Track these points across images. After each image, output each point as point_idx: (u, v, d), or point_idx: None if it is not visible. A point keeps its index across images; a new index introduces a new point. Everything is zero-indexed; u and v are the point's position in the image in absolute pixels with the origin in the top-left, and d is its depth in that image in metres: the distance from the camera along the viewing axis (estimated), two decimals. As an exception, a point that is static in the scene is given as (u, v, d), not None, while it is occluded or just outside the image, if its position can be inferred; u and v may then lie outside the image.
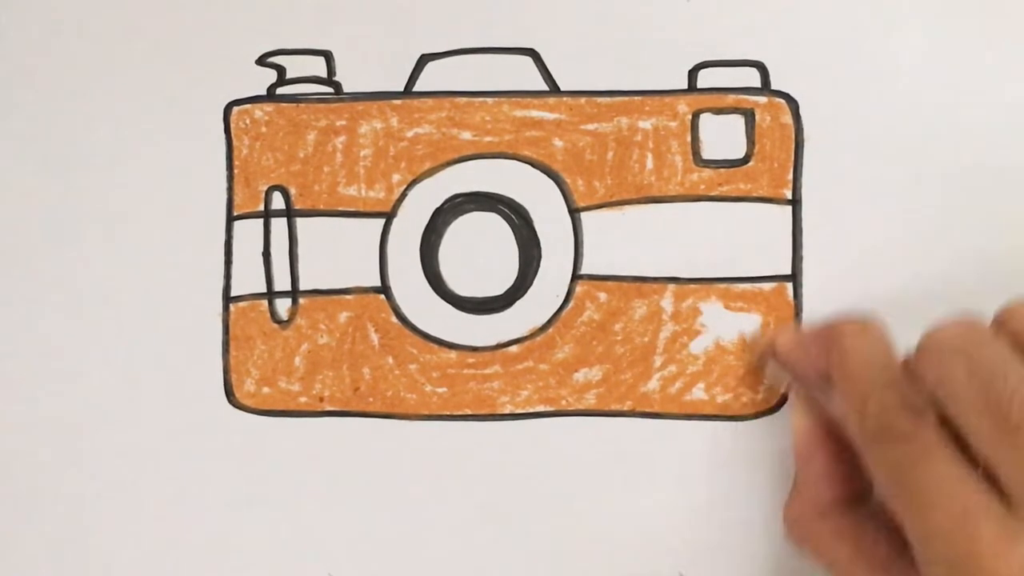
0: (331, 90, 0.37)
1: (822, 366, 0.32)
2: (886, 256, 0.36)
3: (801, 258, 0.36)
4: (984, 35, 0.36)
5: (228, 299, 0.37)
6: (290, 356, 0.37)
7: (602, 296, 0.36)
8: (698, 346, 0.36)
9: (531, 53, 0.37)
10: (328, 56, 0.37)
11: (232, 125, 0.37)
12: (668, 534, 0.36)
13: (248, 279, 0.37)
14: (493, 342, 0.36)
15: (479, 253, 0.36)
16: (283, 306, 0.37)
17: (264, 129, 0.37)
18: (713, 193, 0.36)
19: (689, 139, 0.36)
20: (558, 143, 0.37)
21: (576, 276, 0.36)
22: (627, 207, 0.36)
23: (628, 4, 0.37)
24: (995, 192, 0.36)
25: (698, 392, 0.36)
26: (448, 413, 0.36)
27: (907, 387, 0.29)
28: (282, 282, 0.37)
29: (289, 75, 0.37)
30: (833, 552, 0.31)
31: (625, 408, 0.36)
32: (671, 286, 0.36)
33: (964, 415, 0.28)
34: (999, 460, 0.27)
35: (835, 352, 0.31)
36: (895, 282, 0.36)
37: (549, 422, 0.36)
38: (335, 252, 0.37)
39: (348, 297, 0.37)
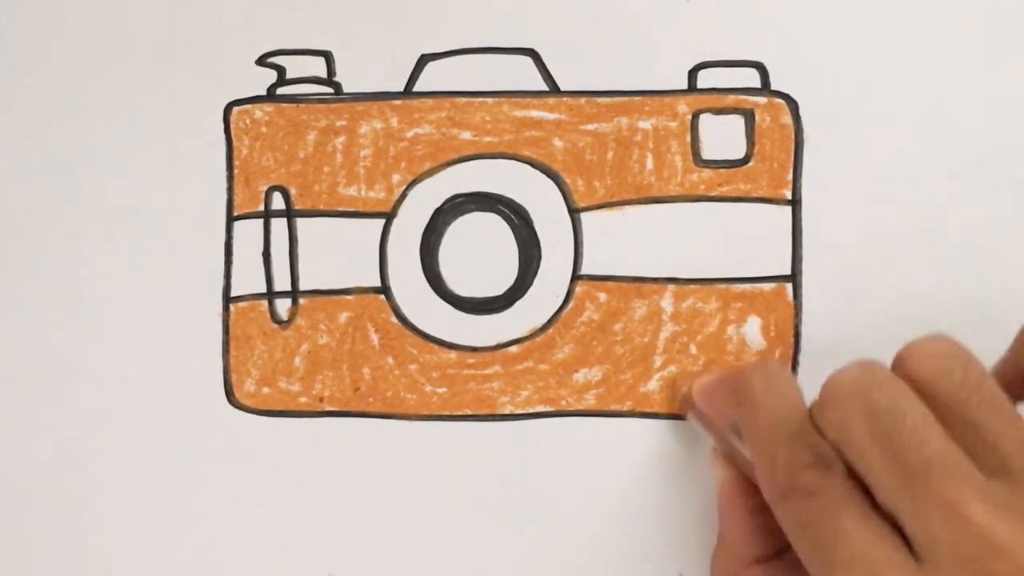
0: (331, 90, 0.37)
1: (732, 418, 0.31)
2: (886, 256, 0.36)
3: (801, 258, 0.36)
4: (983, 35, 0.36)
5: (228, 299, 0.37)
6: (290, 356, 0.37)
7: (602, 296, 0.36)
8: (698, 346, 0.36)
9: (531, 53, 0.37)
10: (328, 56, 0.37)
11: (232, 125, 0.37)
12: (668, 534, 0.36)
13: (248, 279, 0.37)
14: (493, 342, 0.36)
15: (479, 253, 0.36)
16: (283, 306, 0.37)
17: (264, 129, 0.37)
18: (713, 193, 0.36)
19: (689, 139, 0.36)
20: (558, 143, 0.37)
21: (576, 276, 0.36)
22: (627, 207, 0.36)
23: (628, 4, 0.37)
24: (995, 192, 0.36)
25: (698, 392, 0.36)
26: (448, 413, 0.36)
27: (814, 438, 0.28)
28: (282, 282, 0.37)
29: (289, 75, 0.37)
30: None
31: (625, 408, 0.36)
32: (671, 286, 0.36)
33: (865, 462, 0.26)
34: (902, 509, 0.25)
35: (743, 405, 0.30)
36: (895, 282, 0.36)
37: (549, 422, 0.36)
38: (335, 252, 0.37)
39: (348, 297, 0.37)
